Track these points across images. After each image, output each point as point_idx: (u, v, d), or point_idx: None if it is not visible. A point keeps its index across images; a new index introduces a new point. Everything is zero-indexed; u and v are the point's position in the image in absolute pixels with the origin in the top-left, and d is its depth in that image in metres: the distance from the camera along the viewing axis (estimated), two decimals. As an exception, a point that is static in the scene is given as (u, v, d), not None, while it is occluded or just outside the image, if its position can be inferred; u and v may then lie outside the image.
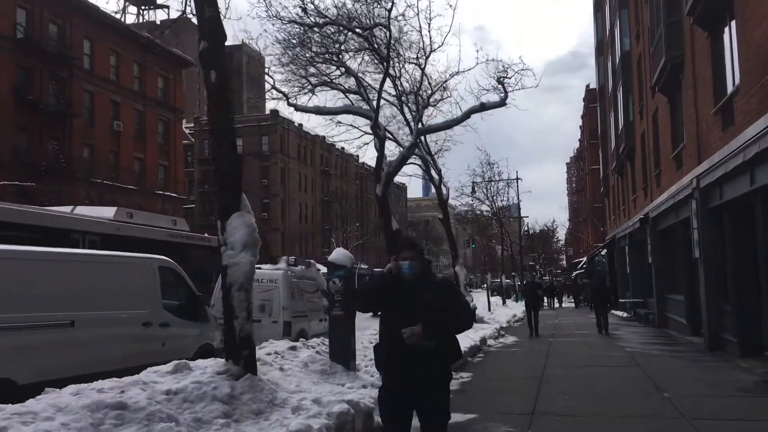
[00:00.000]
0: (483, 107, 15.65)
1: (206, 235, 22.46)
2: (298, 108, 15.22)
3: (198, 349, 10.05)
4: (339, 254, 9.36)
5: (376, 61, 15.50)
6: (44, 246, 9.03)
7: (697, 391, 10.01)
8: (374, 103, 15.16)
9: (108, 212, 15.27)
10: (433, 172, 22.04)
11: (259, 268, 13.91)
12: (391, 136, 19.23)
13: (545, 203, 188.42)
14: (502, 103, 15.92)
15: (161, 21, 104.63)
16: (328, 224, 76.21)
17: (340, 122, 19.08)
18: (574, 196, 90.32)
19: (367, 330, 16.81)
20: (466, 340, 16.59)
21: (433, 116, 20.22)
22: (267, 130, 73.38)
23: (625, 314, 30.44)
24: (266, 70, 15.37)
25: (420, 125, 16.39)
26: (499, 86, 16.04)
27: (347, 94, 16.30)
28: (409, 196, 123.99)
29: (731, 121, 12.41)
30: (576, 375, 11.91)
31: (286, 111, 60.85)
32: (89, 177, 39.85)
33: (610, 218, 42.27)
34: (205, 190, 73.77)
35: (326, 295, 14.40)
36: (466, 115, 15.83)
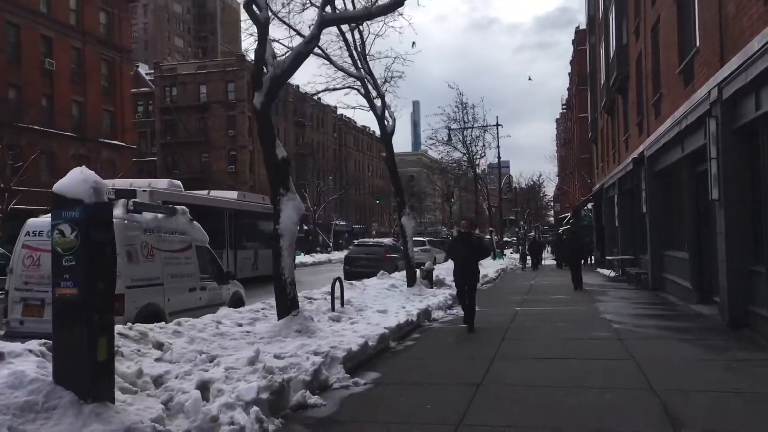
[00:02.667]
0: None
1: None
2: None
3: None
4: (72, 180, 4.90)
5: None
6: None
7: (737, 419, 5.83)
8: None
9: (233, 194, 25.80)
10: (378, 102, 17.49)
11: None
12: (288, 27, 14.56)
13: (533, 161, 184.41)
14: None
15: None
16: (303, 179, 71.14)
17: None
18: (562, 149, 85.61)
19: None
20: (399, 314, 12.31)
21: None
22: (233, 77, 67.68)
23: (612, 273, 26.39)
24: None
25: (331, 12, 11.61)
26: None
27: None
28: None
29: (786, -21, 7.96)
30: (536, 377, 7.68)
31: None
32: (15, 121, 34.67)
33: (597, 167, 37.92)
34: (168, 142, 68.15)
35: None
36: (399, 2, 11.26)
